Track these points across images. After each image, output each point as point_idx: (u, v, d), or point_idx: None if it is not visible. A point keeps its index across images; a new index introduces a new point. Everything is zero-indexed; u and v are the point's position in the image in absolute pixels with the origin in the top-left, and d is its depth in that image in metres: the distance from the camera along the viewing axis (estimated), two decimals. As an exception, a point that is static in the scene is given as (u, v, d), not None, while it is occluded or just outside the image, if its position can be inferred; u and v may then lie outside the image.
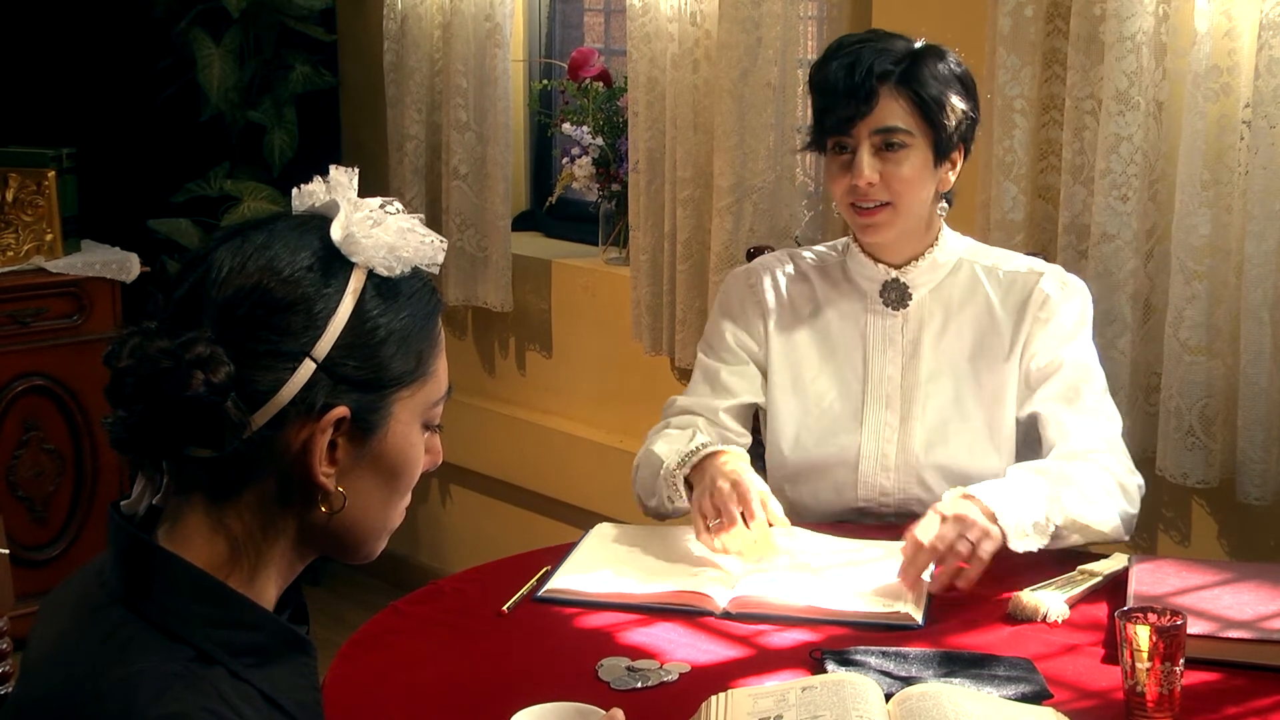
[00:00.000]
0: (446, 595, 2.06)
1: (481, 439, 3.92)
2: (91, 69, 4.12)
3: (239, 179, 4.11)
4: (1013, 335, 2.24)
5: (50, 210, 3.78)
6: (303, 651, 1.19)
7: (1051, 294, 2.24)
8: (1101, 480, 2.13)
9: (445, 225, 3.87)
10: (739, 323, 2.33)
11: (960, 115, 2.18)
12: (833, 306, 2.31)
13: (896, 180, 2.17)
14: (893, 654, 1.80)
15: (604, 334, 3.69)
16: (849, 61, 2.15)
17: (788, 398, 2.30)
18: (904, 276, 2.26)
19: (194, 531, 1.17)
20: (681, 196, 3.28)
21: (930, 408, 2.25)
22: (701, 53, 3.21)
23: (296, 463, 1.16)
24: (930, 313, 2.27)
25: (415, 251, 1.20)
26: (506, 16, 3.74)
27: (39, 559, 3.76)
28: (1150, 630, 1.66)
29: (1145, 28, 2.50)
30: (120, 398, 1.13)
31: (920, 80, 2.15)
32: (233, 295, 1.14)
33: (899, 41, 2.19)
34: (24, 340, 3.72)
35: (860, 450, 2.26)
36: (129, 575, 1.15)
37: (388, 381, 1.18)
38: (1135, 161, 2.54)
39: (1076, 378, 2.22)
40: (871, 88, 2.14)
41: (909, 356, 2.26)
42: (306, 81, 4.17)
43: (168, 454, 1.16)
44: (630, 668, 1.80)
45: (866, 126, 2.16)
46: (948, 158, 2.21)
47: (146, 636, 1.12)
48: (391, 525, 1.25)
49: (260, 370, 1.13)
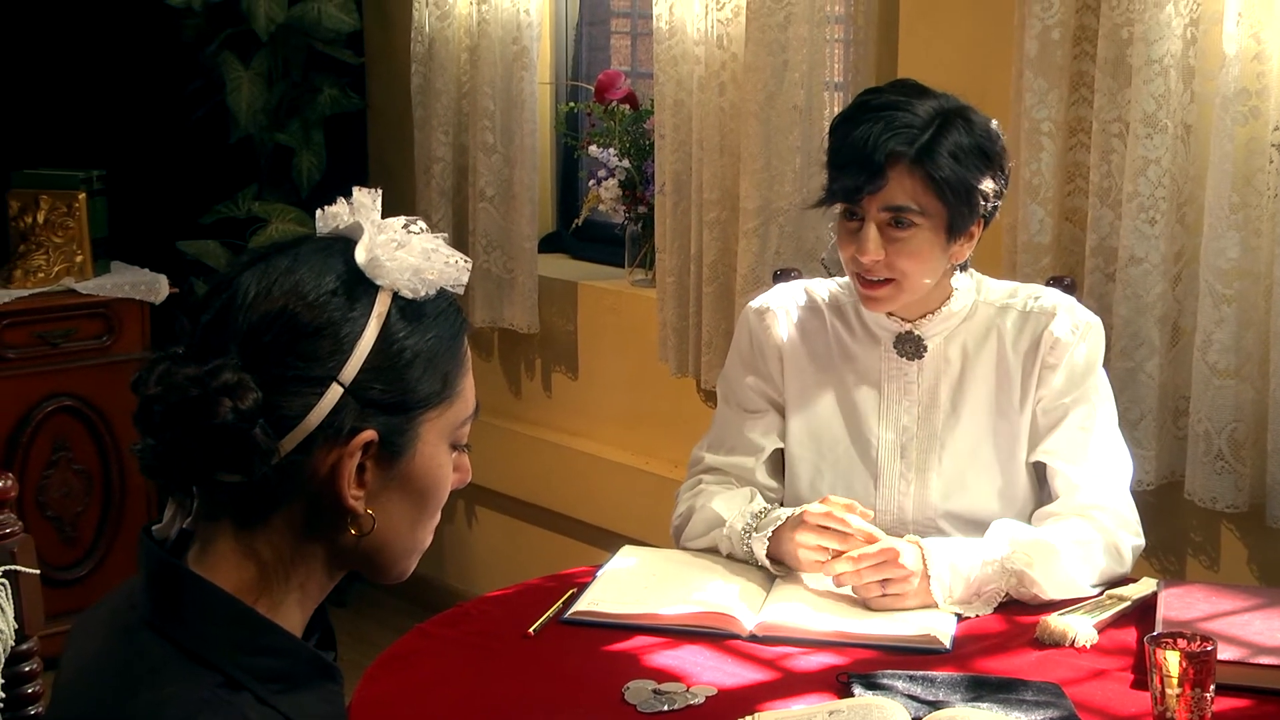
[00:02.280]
0: (473, 617, 2.06)
1: (508, 461, 3.92)
2: (122, 92, 4.15)
3: (267, 201, 4.13)
4: (1024, 382, 2.19)
5: (80, 232, 3.81)
6: (329, 678, 1.19)
7: (1061, 337, 2.17)
8: (1088, 545, 2.10)
9: (471, 247, 3.88)
10: (756, 370, 2.28)
11: (979, 194, 2.10)
12: (847, 353, 2.25)
13: (902, 259, 2.08)
14: (920, 678, 1.79)
15: (630, 356, 3.69)
16: (865, 134, 2.06)
17: (804, 445, 2.26)
18: (918, 329, 2.20)
19: (223, 556, 1.17)
20: (708, 219, 3.28)
21: (947, 458, 2.21)
22: (728, 75, 3.21)
23: (325, 487, 1.16)
24: (947, 360, 2.21)
25: (440, 273, 1.19)
26: (533, 39, 3.75)
27: (67, 579, 3.78)
28: (1180, 656, 1.65)
29: (1173, 50, 2.50)
30: (149, 425, 1.14)
31: (936, 160, 2.05)
32: (259, 321, 1.14)
33: (924, 105, 2.08)
34: (54, 361, 3.75)
35: (876, 503, 2.21)
36: (158, 599, 1.16)
37: (415, 403, 1.18)
38: (1163, 184, 2.54)
39: (1082, 427, 2.17)
40: (881, 165, 2.04)
41: (926, 406, 2.21)
42: (334, 104, 4.19)
43: (197, 480, 1.16)
44: (657, 690, 1.80)
45: (875, 203, 2.07)
46: (964, 234, 2.12)
47: (175, 661, 1.12)
48: (422, 545, 1.25)
49: (288, 396, 1.13)
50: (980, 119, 2.12)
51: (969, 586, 2.03)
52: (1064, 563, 2.06)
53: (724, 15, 3.19)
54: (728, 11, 3.19)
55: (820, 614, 1.98)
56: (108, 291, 3.81)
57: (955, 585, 2.02)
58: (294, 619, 1.20)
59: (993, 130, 2.13)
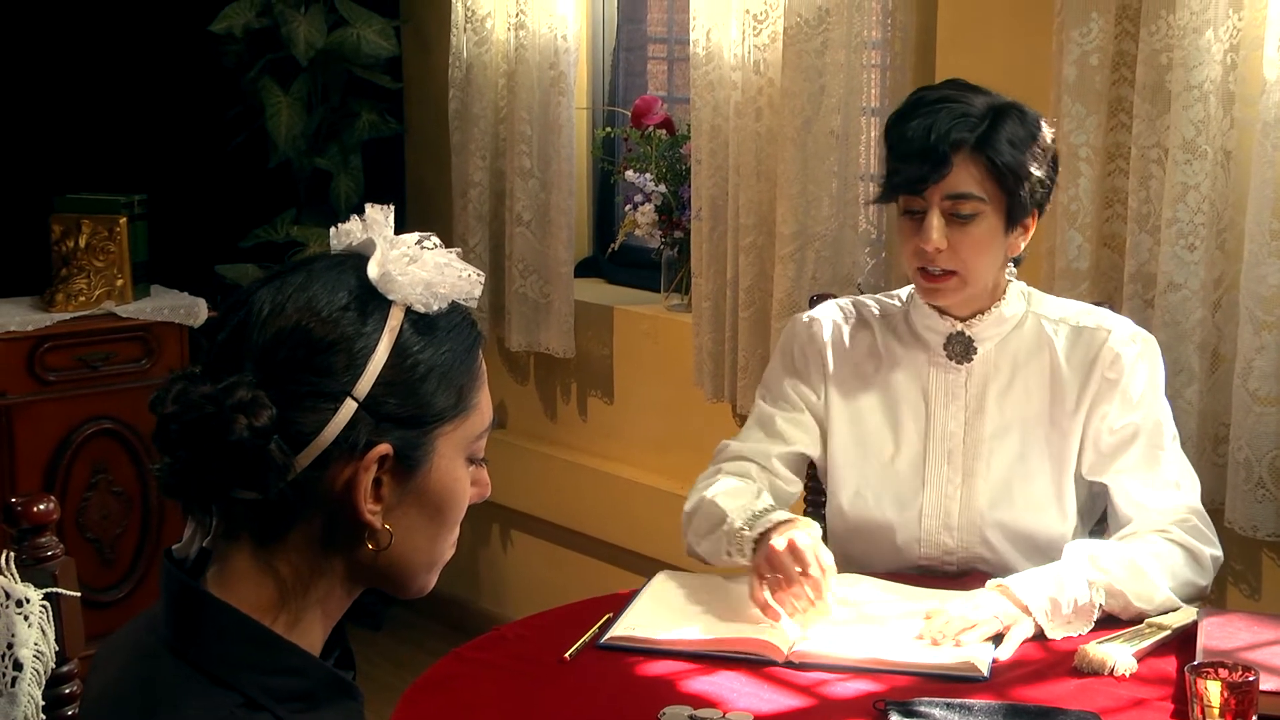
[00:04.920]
0: (508, 641, 2.06)
1: (543, 485, 3.93)
2: (163, 118, 4.19)
3: (305, 225, 4.16)
4: (1079, 393, 2.19)
5: (121, 256, 3.84)
6: (349, 697, 1.19)
7: (1122, 353, 2.18)
8: (1168, 556, 2.10)
9: (508, 271, 3.90)
10: (799, 374, 2.31)
11: (1035, 181, 2.14)
12: (895, 359, 2.27)
13: (964, 248, 2.13)
14: (957, 705, 1.78)
15: (666, 381, 3.70)
16: (926, 124, 2.10)
17: (848, 452, 2.27)
18: (969, 330, 2.22)
19: (242, 574, 1.17)
20: (744, 244, 3.28)
21: (994, 465, 2.21)
22: (765, 101, 3.22)
23: (342, 502, 1.16)
24: (996, 367, 2.23)
25: (452, 287, 1.19)
26: (570, 64, 3.77)
27: (106, 600, 3.80)
28: (1222, 686, 1.64)
29: (1213, 76, 2.49)
30: (166, 444, 1.14)
31: (996, 146, 2.10)
32: (273, 337, 1.15)
33: (978, 99, 2.14)
34: (94, 384, 3.77)
35: (923, 508, 2.23)
36: (178, 621, 1.16)
37: (430, 417, 1.18)
38: (1202, 210, 2.52)
39: (1153, 445, 2.17)
40: (945, 153, 2.09)
41: (973, 412, 2.22)
42: (372, 129, 4.22)
43: (214, 497, 1.17)
44: (693, 717, 1.80)
45: (938, 191, 2.11)
46: (1020, 224, 2.16)
47: (195, 683, 1.12)
48: (441, 559, 1.24)
49: (302, 412, 1.14)
50: (1032, 113, 2.17)
51: (1062, 608, 2.01)
52: (1147, 573, 2.06)
53: (761, 41, 3.20)
54: (765, 37, 3.20)
55: (857, 640, 1.97)
56: (147, 315, 3.84)
57: (1052, 611, 2.01)
58: (313, 636, 1.20)
59: (1044, 124, 2.18)
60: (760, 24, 3.20)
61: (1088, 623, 2.02)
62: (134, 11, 4.13)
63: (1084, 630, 2.02)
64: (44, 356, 3.72)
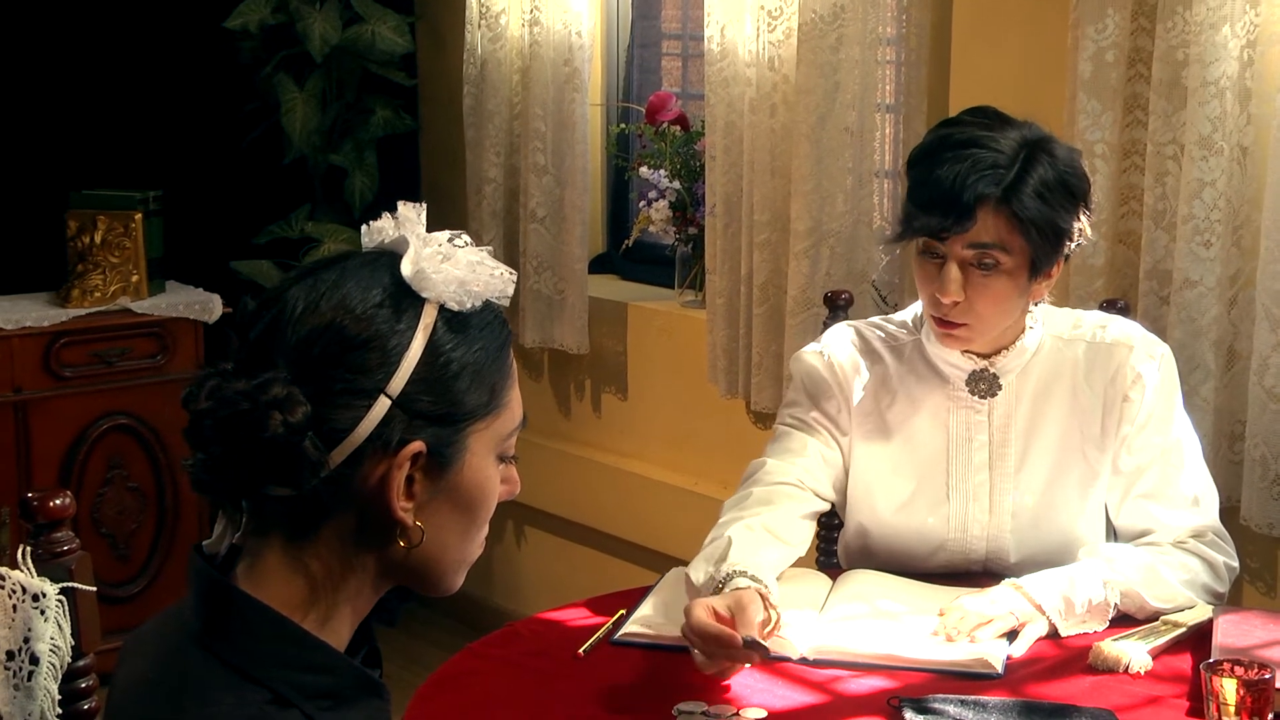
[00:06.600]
0: (523, 637, 2.06)
1: (557, 481, 3.93)
2: (178, 114, 4.20)
3: (320, 221, 4.17)
4: (1103, 419, 2.15)
5: (136, 252, 3.85)
6: (377, 695, 1.19)
7: (1143, 373, 2.14)
8: (1184, 562, 2.09)
9: (522, 268, 3.90)
10: (825, 405, 2.22)
11: (1063, 232, 2.05)
12: (912, 397, 2.19)
13: (981, 302, 2.05)
14: (971, 703, 1.78)
15: (680, 377, 3.69)
16: (950, 174, 2.00)
17: (869, 486, 2.22)
18: (993, 367, 2.15)
19: (273, 570, 1.18)
20: (758, 240, 3.28)
21: (1020, 500, 2.18)
22: (779, 97, 3.22)
23: (374, 499, 1.16)
24: (1018, 398, 2.16)
25: (485, 285, 1.20)
26: (585, 61, 3.77)
27: (121, 595, 3.81)
28: (1237, 683, 1.63)
29: (1230, 73, 2.48)
30: (199, 440, 1.14)
31: (1022, 200, 2.00)
32: (307, 334, 1.15)
33: (1007, 138, 2.03)
34: (109, 380, 3.79)
35: (945, 545, 2.19)
36: (208, 617, 1.16)
37: (462, 415, 1.19)
38: (1219, 207, 2.52)
39: (1172, 464, 2.15)
40: (969, 205, 1.99)
41: (997, 446, 2.17)
42: (387, 125, 4.22)
43: (247, 494, 1.17)
44: (707, 713, 1.80)
45: (959, 241, 2.02)
46: (1044, 273, 2.08)
47: (224, 678, 1.13)
48: (471, 557, 1.25)
49: (337, 409, 1.14)
50: (1063, 151, 2.08)
51: (1076, 607, 2.01)
52: (1163, 575, 2.06)
53: (776, 37, 3.20)
54: (779, 33, 3.19)
55: (872, 637, 1.97)
56: (162, 311, 3.85)
57: (1065, 610, 2.00)
58: (342, 634, 1.20)
59: (1077, 163, 2.09)
60: (775, 20, 3.19)
61: (1103, 621, 2.02)
62: (149, 8, 4.14)
63: (1099, 628, 2.02)
64: (60, 352, 3.73)
